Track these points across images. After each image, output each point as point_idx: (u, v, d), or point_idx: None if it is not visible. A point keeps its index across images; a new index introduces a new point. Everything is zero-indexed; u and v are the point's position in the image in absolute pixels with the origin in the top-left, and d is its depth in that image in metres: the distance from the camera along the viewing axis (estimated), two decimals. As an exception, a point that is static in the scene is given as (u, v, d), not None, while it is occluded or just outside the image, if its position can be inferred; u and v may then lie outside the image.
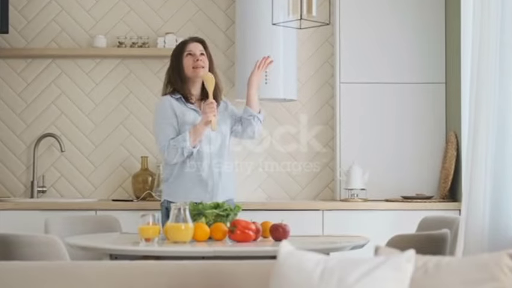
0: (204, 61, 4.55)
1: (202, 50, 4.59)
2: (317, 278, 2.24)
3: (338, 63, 5.67)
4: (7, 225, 5.18)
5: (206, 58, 4.58)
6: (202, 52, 4.58)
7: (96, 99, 5.83)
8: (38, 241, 3.34)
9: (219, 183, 4.49)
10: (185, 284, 2.79)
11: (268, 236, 3.92)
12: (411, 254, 2.18)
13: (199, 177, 4.47)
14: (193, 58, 4.55)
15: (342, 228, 5.13)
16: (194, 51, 4.57)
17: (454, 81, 5.41)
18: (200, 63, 4.53)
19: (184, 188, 4.48)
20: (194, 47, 4.59)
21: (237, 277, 2.80)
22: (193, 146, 4.42)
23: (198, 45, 4.60)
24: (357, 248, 3.87)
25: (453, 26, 5.44)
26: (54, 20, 5.84)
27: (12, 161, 5.79)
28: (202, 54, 4.58)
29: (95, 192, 5.78)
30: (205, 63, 4.55)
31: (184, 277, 2.81)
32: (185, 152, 4.41)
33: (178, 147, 4.41)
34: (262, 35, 5.47)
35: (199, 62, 4.53)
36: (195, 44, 4.61)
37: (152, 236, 3.73)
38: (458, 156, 5.36)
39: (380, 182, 5.58)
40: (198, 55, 4.56)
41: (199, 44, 4.62)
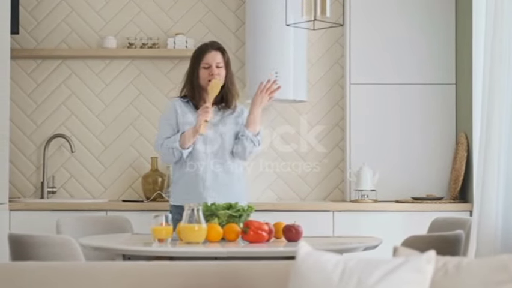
0: (220, 73, 4.50)
1: (219, 61, 4.51)
2: (337, 279, 2.24)
3: (348, 65, 5.67)
4: (18, 226, 5.20)
5: (223, 69, 4.52)
6: (218, 64, 4.50)
7: (106, 100, 5.83)
8: (52, 241, 3.34)
9: (214, 184, 4.47)
10: (200, 285, 2.79)
11: (281, 237, 3.92)
12: (432, 255, 2.17)
13: (195, 178, 4.48)
14: (209, 71, 4.49)
15: (352, 229, 5.13)
16: (210, 63, 4.50)
17: (465, 82, 5.40)
18: (215, 77, 4.48)
19: (182, 189, 4.51)
20: (211, 58, 4.51)
21: (252, 278, 2.80)
22: (184, 147, 4.42)
23: (215, 56, 4.52)
24: (369, 248, 3.87)
25: (464, 27, 5.44)
26: (64, 21, 5.85)
27: (22, 161, 5.80)
28: (219, 66, 4.50)
29: (105, 193, 5.78)
30: (221, 75, 4.50)
31: (199, 278, 2.81)
32: (175, 152, 4.43)
33: (169, 147, 4.44)
34: (273, 36, 5.47)
35: (214, 75, 4.48)
36: (213, 54, 4.52)
37: (165, 237, 3.74)
38: (469, 157, 5.36)
39: (390, 183, 5.57)
40: (213, 68, 4.49)
41: (218, 52, 4.54)
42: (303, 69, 5.59)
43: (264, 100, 4.50)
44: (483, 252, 4.08)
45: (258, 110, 4.49)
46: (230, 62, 4.59)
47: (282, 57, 5.50)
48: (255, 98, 4.52)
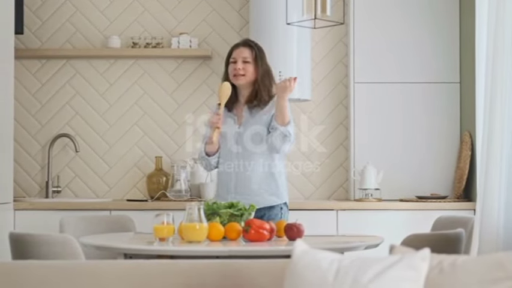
0: (246, 69, 4.43)
1: (246, 56, 4.45)
2: (332, 277, 2.24)
3: (352, 63, 5.67)
4: (22, 225, 5.21)
5: (251, 64, 4.45)
6: (245, 59, 4.44)
7: (110, 99, 5.84)
8: (53, 240, 3.35)
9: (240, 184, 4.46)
10: (201, 283, 2.80)
11: (283, 236, 3.92)
12: (426, 253, 2.17)
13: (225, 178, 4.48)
14: (234, 66, 4.45)
15: (356, 228, 5.11)
16: (236, 58, 4.46)
17: (469, 80, 5.39)
18: (239, 72, 4.43)
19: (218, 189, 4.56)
20: (238, 53, 4.47)
21: (253, 276, 2.80)
22: (208, 155, 4.47)
23: (243, 51, 4.47)
24: (371, 247, 3.86)
25: (468, 25, 5.43)
26: (69, 21, 5.86)
27: (27, 161, 5.81)
28: (246, 61, 4.45)
29: (110, 193, 5.80)
30: (247, 70, 4.43)
31: (200, 276, 2.81)
32: (204, 161, 4.52)
33: (201, 156, 4.54)
34: (276, 35, 5.47)
35: (237, 70, 4.43)
36: (241, 49, 4.48)
37: (166, 236, 3.73)
38: (473, 156, 5.35)
39: (394, 181, 5.57)
40: (239, 63, 4.45)
41: (246, 48, 4.48)
42: (307, 68, 5.59)
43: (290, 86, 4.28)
44: (485, 251, 4.07)
45: (281, 98, 4.33)
46: (263, 59, 4.49)
47: (285, 56, 5.50)
48: (280, 86, 4.32)
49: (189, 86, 5.83)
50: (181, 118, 5.79)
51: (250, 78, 4.45)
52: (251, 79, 4.46)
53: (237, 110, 4.52)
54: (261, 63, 4.48)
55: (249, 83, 4.47)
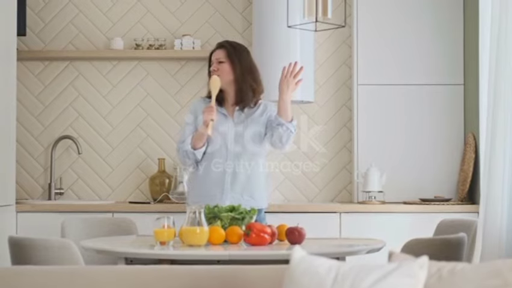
0: (221, 69, 4.49)
1: (220, 56, 4.51)
2: (330, 284, 2.22)
3: (355, 65, 5.65)
4: (25, 227, 5.21)
5: (227, 63, 4.50)
6: (219, 59, 4.51)
7: (113, 101, 5.83)
8: (52, 245, 3.33)
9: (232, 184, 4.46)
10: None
11: (284, 239, 3.90)
12: (425, 261, 2.15)
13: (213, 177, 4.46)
14: (212, 68, 4.53)
15: (359, 231, 5.10)
16: (213, 60, 4.54)
17: (473, 82, 5.37)
18: (214, 72, 4.49)
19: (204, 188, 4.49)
20: (214, 55, 4.55)
21: (252, 282, 2.78)
22: (195, 148, 4.43)
23: (217, 53, 4.55)
24: (373, 251, 3.84)
25: (471, 27, 5.40)
26: (72, 22, 5.85)
27: (30, 163, 5.81)
28: (220, 62, 4.50)
29: (113, 195, 5.79)
30: (221, 69, 4.49)
31: (199, 282, 2.80)
32: (189, 155, 4.44)
33: (183, 149, 4.46)
34: (280, 37, 5.45)
35: (213, 71, 4.50)
36: (215, 52, 4.56)
37: (167, 239, 3.72)
38: (477, 158, 5.32)
39: (397, 184, 5.55)
40: (214, 63, 4.52)
41: (220, 50, 4.55)
42: (311, 70, 5.56)
43: (291, 84, 4.39)
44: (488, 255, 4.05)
45: (287, 96, 4.38)
46: (240, 56, 4.53)
47: (289, 58, 5.46)
48: (281, 84, 4.41)
49: (192, 88, 5.81)
50: (184, 120, 5.76)
51: (227, 76, 4.49)
52: (229, 78, 4.49)
53: (227, 110, 4.52)
54: (238, 60, 4.52)
55: (230, 82, 4.50)
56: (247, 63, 4.55)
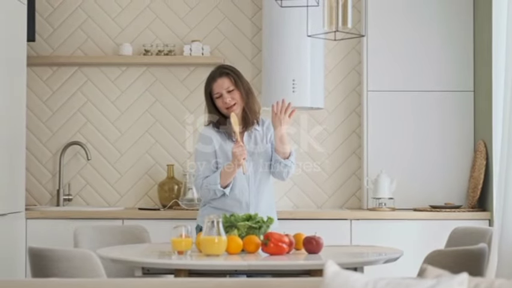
0: (234, 97, 4.41)
1: (228, 86, 4.42)
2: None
3: (365, 71, 5.63)
4: (35, 234, 5.19)
5: (236, 91, 4.42)
6: (229, 89, 4.42)
7: (122, 107, 5.81)
8: (73, 256, 3.31)
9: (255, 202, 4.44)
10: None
11: (301, 248, 3.88)
12: (464, 277, 2.13)
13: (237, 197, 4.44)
14: (222, 100, 4.41)
15: (370, 238, 5.09)
16: (220, 91, 4.42)
17: (484, 89, 5.36)
18: (230, 103, 4.40)
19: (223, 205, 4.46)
20: (219, 86, 4.43)
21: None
22: (224, 187, 4.38)
23: (223, 83, 4.43)
24: (391, 261, 3.82)
25: (483, 34, 5.39)
26: (80, 28, 5.83)
27: (38, 169, 5.78)
28: (230, 91, 4.42)
29: (121, 201, 5.77)
30: (235, 98, 4.41)
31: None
32: (218, 193, 4.39)
33: (210, 188, 4.38)
34: (289, 43, 5.44)
35: (227, 103, 4.40)
36: (220, 81, 4.43)
37: (185, 249, 3.70)
38: (488, 165, 5.31)
39: (407, 191, 5.54)
40: (225, 95, 4.41)
41: (224, 78, 4.44)
42: (320, 76, 5.55)
43: (284, 120, 4.39)
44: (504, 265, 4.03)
45: (282, 132, 4.39)
46: (242, 79, 4.48)
47: (298, 64, 5.47)
48: (274, 122, 4.41)
49: (201, 94, 5.71)
50: (193, 126, 5.76)
51: (241, 103, 4.44)
52: (242, 104, 4.45)
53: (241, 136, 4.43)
54: (241, 84, 4.47)
55: (241, 108, 4.47)
56: (247, 83, 4.53)
